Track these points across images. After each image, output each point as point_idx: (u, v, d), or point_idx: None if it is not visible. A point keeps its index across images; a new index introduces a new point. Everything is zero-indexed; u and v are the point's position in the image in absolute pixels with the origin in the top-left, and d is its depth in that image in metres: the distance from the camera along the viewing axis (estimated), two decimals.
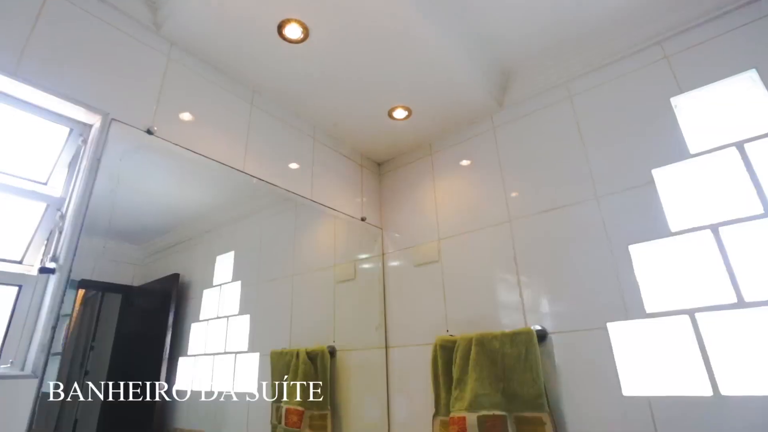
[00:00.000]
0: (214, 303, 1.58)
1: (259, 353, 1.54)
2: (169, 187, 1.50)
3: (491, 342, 1.23)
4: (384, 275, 1.72)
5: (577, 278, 1.23)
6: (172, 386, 1.38)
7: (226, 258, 1.64)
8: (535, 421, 1.13)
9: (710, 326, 1.00)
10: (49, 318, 0.82)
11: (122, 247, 1.36)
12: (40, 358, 0.80)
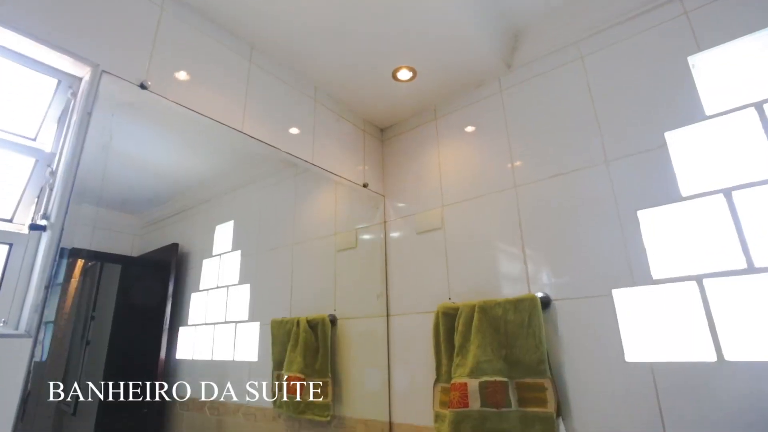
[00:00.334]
0: (213, 273, 1.57)
1: (259, 322, 1.54)
2: (166, 153, 1.47)
3: (494, 309, 1.22)
4: (386, 243, 1.70)
5: (582, 245, 1.21)
6: (173, 355, 1.39)
7: (226, 227, 1.62)
8: (536, 387, 1.13)
9: (717, 292, 0.98)
10: (42, 277, 0.80)
11: (121, 218, 1.34)
12: (34, 317, 0.78)
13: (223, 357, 1.50)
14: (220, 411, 1.42)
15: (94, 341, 1.13)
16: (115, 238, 1.30)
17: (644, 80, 1.19)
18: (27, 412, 0.76)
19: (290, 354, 1.51)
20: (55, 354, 1.01)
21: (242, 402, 1.46)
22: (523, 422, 1.12)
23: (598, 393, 1.11)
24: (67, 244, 0.84)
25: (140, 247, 1.36)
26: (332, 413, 1.43)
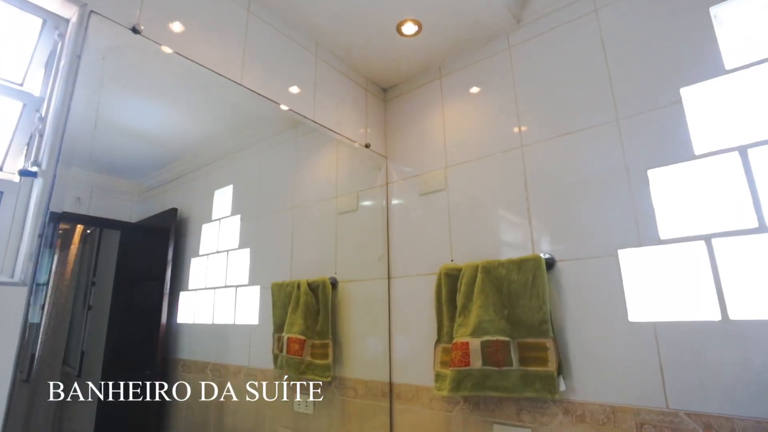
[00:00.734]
0: (213, 237, 1.55)
1: (259, 286, 1.53)
2: (162, 113, 1.42)
3: (497, 269, 1.21)
4: (387, 205, 1.68)
5: (589, 205, 1.18)
6: (174, 320, 1.39)
7: (225, 192, 1.60)
8: (538, 347, 1.13)
9: (726, 252, 0.97)
10: (35, 226, 0.78)
11: (119, 183, 1.31)
12: (29, 266, 0.76)
13: (224, 321, 1.51)
14: (221, 373, 1.44)
15: (95, 306, 1.13)
16: (113, 204, 1.28)
17: (662, 34, 1.13)
18: (34, 374, 0.76)
19: (291, 316, 1.51)
20: (57, 318, 1.01)
21: (243, 364, 1.47)
22: (524, 380, 1.12)
23: (599, 352, 1.11)
24: (57, 207, 0.81)
25: (139, 213, 1.34)
26: (333, 374, 1.44)
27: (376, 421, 1.48)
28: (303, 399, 1.48)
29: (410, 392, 1.47)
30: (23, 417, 0.75)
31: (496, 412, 1.25)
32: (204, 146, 1.57)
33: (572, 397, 1.13)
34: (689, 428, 0.97)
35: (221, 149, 1.60)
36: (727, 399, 0.93)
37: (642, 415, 1.03)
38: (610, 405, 1.07)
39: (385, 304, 1.59)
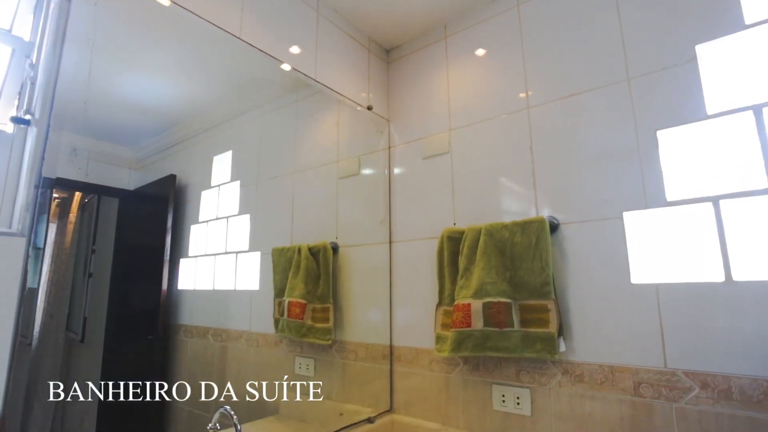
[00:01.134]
0: (212, 204, 1.53)
1: (260, 252, 1.52)
2: (159, 75, 1.37)
3: (501, 232, 1.20)
4: (389, 169, 1.65)
5: (596, 167, 1.16)
6: (175, 286, 1.38)
7: (224, 158, 1.56)
8: (539, 308, 1.14)
9: (733, 213, 0.96)
10: (30, 176, 0.76)
11: (116, 149, 1.28)
12: (26, 217, 0.75)
13: (225, 287, 1.51)
14: (222, 338, 1.44)
15: (96, 274, 1.12)
16: (111, 171, 1.25)
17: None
18: (38, 340, 0.75)
19: (291, 281, 1.51)
20: (58, 285, 1.01)
21: (245, 329, 1.48)
22: (525, 341, 1.13)
23: (600, 313, 1.11)
24: (51, 173, 0.80)
25: (137, 181, 1.32)
26: (333, 338, 1.46)
27: (376, 382, 1.50)
28: (303, 362, 1.50)
29: (410, 355, 1.48)
30: (28, 381, 0.75)
31: (495, 373, 1.27)
32: (203, 111, 1.53)
33: (572, 357, 1.14)
34: (686, 386, 0.98)
35: (220, 114, 1.56)
36: (725, 358, 0.94)
37: (640, 374, 1.04)
38: (609, 365, 1.09)
39: (386, 269, 1.59)
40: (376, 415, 1.44)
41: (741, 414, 0.92)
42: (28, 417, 0.72)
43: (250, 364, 1.43)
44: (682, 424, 0.98)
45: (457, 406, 1.34)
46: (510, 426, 1.23)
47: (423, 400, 1.43)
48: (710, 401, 0.95)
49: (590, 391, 1.10)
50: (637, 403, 1.04)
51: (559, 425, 1.14)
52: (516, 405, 1.21)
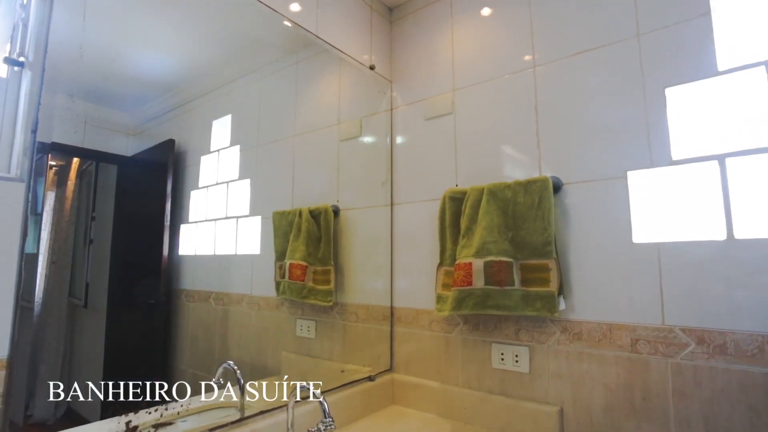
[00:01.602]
0: (212, 169, 1.51)
1: (260, 216, 1.52)
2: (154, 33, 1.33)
3: (503, 191, 1.20)
4: (392, 131, 1.63)
5: (602, 126, 1.15)
6: (176, 252, 1.38)
7: (223, 122, 1.54)
8: (540, 268, 1.15)
9: (739, 171, 0.95)
10: (27, 120, 0.74)
11: (113, 115, 1.26)
12: (24, 162, 0.73)
13: (226, 252, 1.51)
14: (224, 302, 1.45)
15: (97, 240, 1.12)
16: (109, 137, 1.23)
17: None
18: (41, 305, 0.75)
19: (293, 243, 1.51)
20: (60, 252, 1.01)
21: (246, 292, 1.49)
22: (525, 300, 1.15)
23: (600, 273, 1.12)
24: (47, 138, 0.78)
25: (135, 146, 1.30)
26: (334, 299, 1.47)
27: (376, 343, 1.53)
28: (304, 324, 1.52)
29: (410, 316, 1.50)
30: (32, 345, 0.75)
31: (494, 333, 1.29)
32: (201, 75, 1.49)
33: (571, 316, 1.16)
34: (682, 342, 1.00)
35: (219, 78, 1.52)
36: (723, 314, 0.96)
37: (638, 331, 1.06)
38: (607, 323, 1.10)
39: (387, 232, 1.59)
40: (376, 374, 1.47)
41: (735, 368, 0.94)
42: (35, 379, 0.73)
43: (251, 327, 1.44)
44: (676, 379, 1.00)
45: (456, 365, 1.37)
46: (508, 383, 1.26)
47: (423, 359, 1.46)
48: (705, 356, 0.97)
49: (588, 349, 1.12)
50: (633, 359, 1.06)
51: (556, 381, 1.17)
52: (515, 363, 1.24)
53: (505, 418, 1.23)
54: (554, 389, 1.17)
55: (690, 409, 0.98)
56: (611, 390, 1.08)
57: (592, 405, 1.11)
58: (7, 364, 0.70)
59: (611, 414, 1.08)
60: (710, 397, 0.96)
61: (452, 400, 1.34)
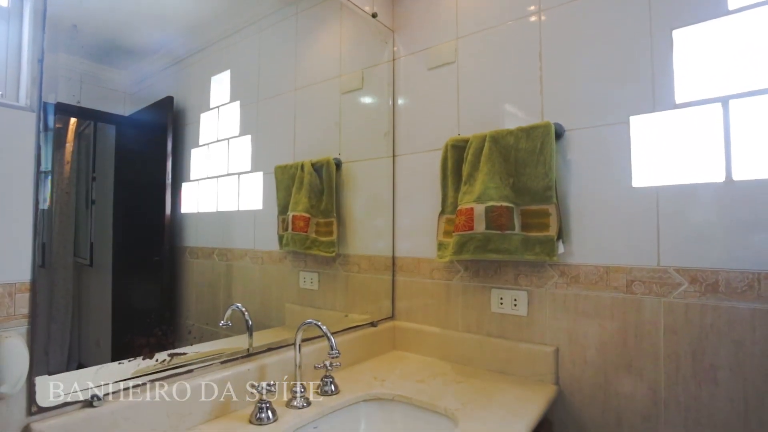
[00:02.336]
0: (212, 126, 1.50)
1: (262, 172, 1.52)
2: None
3: (505, 138, 1.20)
4: (394, 82, 1.62)
5: (605, 71, 1.15)
6: (178, 210, 1.39)
7: (222, 78, 1.51)
8: (540, 213, 1.17)
9: (741, 113, 0.96)
10: (32, 50, 0.74)
11: (110, 73, 1.23)
12: (33, 92, 0.74)
13: (228, 208, 1.52)
14: (228, 257, 1.47)
15: (98, 201, 1.13)
16: (106, 96, 1.21)
17: None
18: (47, 263, 0.76)
19: (295, 196, 1.52)
20: (63, 213, 1.01)
21: (249, 247, 1.51)
22: (525, 244, 1.17)
23: (599, 217, 1.15)
24: (51, 98, 0.77)
25: (133, 105, 1.28)
26: (337, 250, 1.50)
27: (378, 292, 1.57)
28: (308, 276, 1.55)
29: (412, 265, 1.54)
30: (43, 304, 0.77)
31: (494, 278, 1.33)
32: (197, 29, 1.46)
33: (569, 260, 1.19)
34: (676, 282, 1.04)
35: (216, 32, 1.48)
36: (716, 254, 0.99)
37: (633, 273, 1.09)
38: (604, 266, 1.14)
39: (389, 183, 1.60)
40: (378, 320, 1.52)
41: (724, 305, 0.98)
42: (47, 338, 0.75)
43: (255, 281, 1.47)
44: (668, 317, 1.05)
45: (456, 311, 1.42)
46: (506, 326, 1.30)
47: (424, 307, 1.50)
48: (697, 294, 1.01)
49: (584, 291, 1.16)
50: (628, 299, 1.10)
51: (553, 323, 1.22)
52: (513, 306, 1.28)
53: (504, 359, 1.28)
54: (551, 330, 1.22)
55: (680, 344, 1.03)
56: (605, 329, 1.13)
57: (587, 344, 1.16)
58: (31, 287, 0.73)
59: (605, 352, 1.13)
60: (699, 332, 1.01)
61: (452, 344, 1.40)
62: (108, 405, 0.80)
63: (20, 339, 0.70)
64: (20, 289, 0.72)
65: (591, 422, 1.15)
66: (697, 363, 1.01)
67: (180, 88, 1.43)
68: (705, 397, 1.00)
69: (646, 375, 1.08)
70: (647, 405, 1.07)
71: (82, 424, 0.76)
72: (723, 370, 0.98)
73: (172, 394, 0.90)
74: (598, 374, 1.14)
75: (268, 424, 0.95)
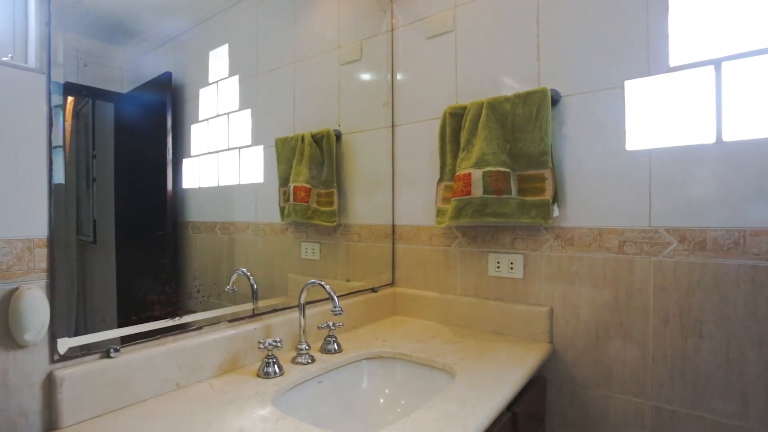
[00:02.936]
0: (212, 101, 1.51)
1: (263, 146, 1.53)
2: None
3: (502, 104, 1.22)
4: (392, 52, 1.63)
5: (602, 35, 1.16)
6: (180, 186, 1.41)
7: (220, 52, 1.51)
8: (536, 178, 1.20)
9: (733, 75, 0.98)
10: (40, 13, 0.75)
11: (106, 50, 1.22)
12: (42, 53, 0.75)
13: (229, 182, 1.54)
14: (230, 230, 1.49)
15: (99, 178, 1.14)
16: (103, 73, 1.21)
17: None
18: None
19: (296, 167, 1.54)
20: (65, 192, 1.03)
21: (251, 220, 1.54)
22: (521, 208, 1.21)
23: (593, 181, 1.18)
24: (59, 77, 0.79)
25: (131, 82, 1.28)
26: (338, 220, 1.53)
27: (379, 260, 1.61)
28: (309, 246, 1.58)
29: (411, 232, 1.58)
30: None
31: (491, 243, 1.37)
32: (194, 2, 1.45)
33: (564, 223, 1.23)
34: (665, 241, 1.08)
35: (212, 5, 1.48)
36: (704, 213, 1.03)
37: (626, 234, 1.13)
38: (597, 228, 1.18)
39: (388, 153, 1.63)
40: (378, 287, 1.57)
41: (711, 262, 1.02)
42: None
43: (258, 253, 1.50)
44: (658, 275, 1.09)
45: (454, 276, 1.46)
46: (503, 289, 1.35)
47: (423, 273, 1.55)
48: (686, 253, 1.05)
49: (578, 253, 1.20)
50: (620, 259, 1.14)
51: (548, 285, 1.26)
52: (510, 270, 1.32)
53: (500, 320, 1.33)
54: (545, 292, 1.27)
55: (668, 301, 1.08)
56: (598, 289, 1.18)
57: (580, 303, 1.21)
58: (48, 242, 0.76)
59: (597, 311, 1.18)
60: (687, 289, 1.05)
61: (451, 308, 1.45)
62: (124, 356, 0.85)
63: (41, 291, 0.74)
64: (38, 245, 0.75)
65: (583, 378, 1.21)
66: (684, 318, 1.06)
67: (178, 63, 1.43)
68: (690, 350, 1.05)
69: (635, 331, 1.12)
70: (636, 359, 1.12)
71: (100, 372, 0.81)
72: (708, 324, 1.03)
73: (184, 349, 0.94)
74: (590, 332, 1.19)
75: (275, 378, 1.00)
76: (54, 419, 0.75)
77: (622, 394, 1.15)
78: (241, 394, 0.91)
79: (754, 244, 0.97)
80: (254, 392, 0.92)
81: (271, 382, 0.98)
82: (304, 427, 0.78)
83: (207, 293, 1.23)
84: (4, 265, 0.71)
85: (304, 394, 1.02)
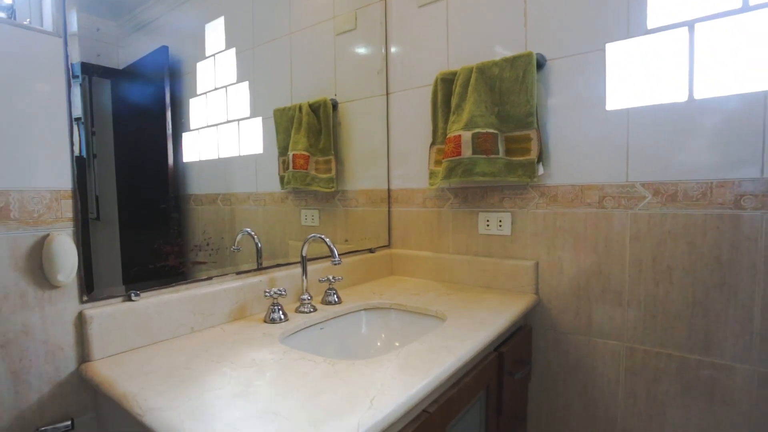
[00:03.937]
0: (209, 75, 1.54)
1: (261, 117, 1.58)
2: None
3: (491, 68, 1.28)
4: (386, 20, 1.67)
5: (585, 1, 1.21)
6: (180, 159, 1.45)
7: (216, 25, 1.53)
8: (522, 138, 1.27)
9: (705, 35, 1.04)
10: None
11: (101, 25, 1.25)
12: (58, 17, 0.80)
13: (229, 154, 1.59)
14: (231, 201, 1.55)
15: (100, 155, 1.17)
16: (98, 49, 1.23)
17: None
18: (76, 193, 0.83)
19: (294, 136, 1.60)
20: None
21: (251, 191, 1.60)
22: (508, 167, 1.28)
23: (575, 140, 1.25)
24: (75, 58, 0.84)
25: (127, 58, 1.31)
26: (336, 187, 1.60)
27: (376, 224, 1.69)
28: (308, 213, 1.65)
29: (406, 195, 1.66)
30: None
31: (481, 203, 1.45)
32: None
33: (548, 182, 1.31)
34: (641, 195, 1.16)
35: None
36: (676, 167, 1.10)
37: (605, 189, 1.21)
38: (579, 185, 1.25)
39: (383, 120, 1.69)
40: (375, 248, 1.65)
41: (681, 212, 1.10)
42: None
43: (259, 221, 1.56)
44: (633, 226, 1.18)
45: (447, 236, 1.55)
46: (492, 245, 1.44)
47: (417, 234, 1.63)
48: (659, 205, 1.13)
49: (562, 209, 1.29)
50: (599, 214, 1.22)
51: (534, 239, 1.35)
52: (498, 227, 1.41)
53: (490, 275, 1.42)
54: (532, 247, 1.36)
55: (642, 250, 1.17)
56: (579, 242, 1.26)
57: (563, 256, 1.30)
58: (72, 194, 0.84)
59: (578, 261, 1.27)
60: (659, 239, 1.14)
61: (444, 266, 1.54)
62: (144, 301, 0.94)
63: (69, 237, 0.81)
64: (64, 196, 0.83)
65: (565, 325, 1.31)
66: (657, 265, 1.15)
67: (174, 37, 1.47)
68: (661, 294, 1.15)
69: (613, 280, 1.22)
70: (613, 305, 1.22)
71: (124, 313, 0.89)
72: (677, 270, 1.12)
73: (196, 297, 1.03)
74: (572, 283, 1.29)
75: (280, 323, 1.09)
76: (86, 353, 0.84)
77: (600, 338, 1.25)
78: (251, 335, 1.00)
79: (720, 195, 1.05)
80: (262, 334, 1.01)
81: (277, 327, 1.07)
82: (308, 356, 0.87)
83: (212, 258, 1.31)
84: (36, 213, 0.78)
85: (308, 338, 1.12)
